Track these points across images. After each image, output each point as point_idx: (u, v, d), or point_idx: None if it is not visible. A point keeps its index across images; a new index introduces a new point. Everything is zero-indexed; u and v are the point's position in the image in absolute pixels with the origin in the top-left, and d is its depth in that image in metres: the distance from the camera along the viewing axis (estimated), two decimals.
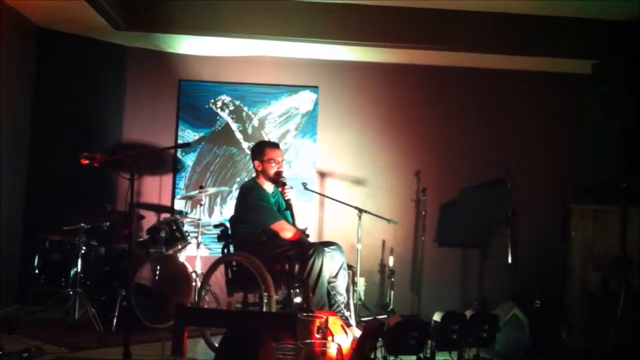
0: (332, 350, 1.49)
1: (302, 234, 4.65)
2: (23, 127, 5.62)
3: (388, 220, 5.73)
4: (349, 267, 4.64)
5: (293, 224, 4.62)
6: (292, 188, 4.69)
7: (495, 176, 6.12)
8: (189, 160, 6.31)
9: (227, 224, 4.76)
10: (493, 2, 5.54)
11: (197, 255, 5.39)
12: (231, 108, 6.34)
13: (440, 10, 5.72)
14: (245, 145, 6.30)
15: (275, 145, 4.79)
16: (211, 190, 5.79)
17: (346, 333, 3.68)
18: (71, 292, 4.88)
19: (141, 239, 5.49)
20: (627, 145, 5.12)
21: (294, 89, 6.41)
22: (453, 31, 5.78)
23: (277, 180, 4.64)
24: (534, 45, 5.83)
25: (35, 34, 5.70)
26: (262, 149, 4.70)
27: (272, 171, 4.63)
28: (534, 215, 6.21)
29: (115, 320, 4.75)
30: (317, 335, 1.61)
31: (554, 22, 5.76)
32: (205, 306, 4.92)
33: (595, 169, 5.54)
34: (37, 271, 5.03)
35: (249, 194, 4.58)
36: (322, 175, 6.39)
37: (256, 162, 4.68)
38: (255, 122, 6.38)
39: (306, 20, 5.67)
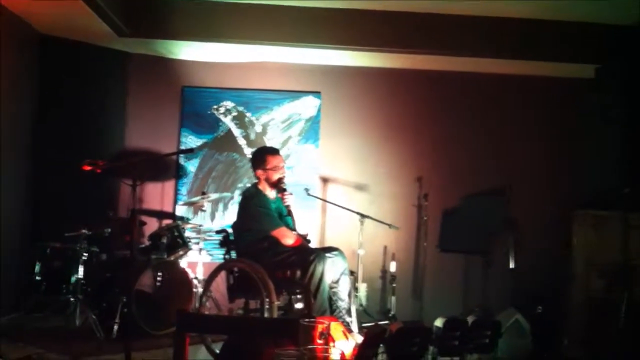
0: (334, 356, 1.48)
1: (303, 239, 4.64)
2: (25, 133, 5.63)
3: (389, 226, 5.72)
4: (351, 272, 4.64)
5: (293, 230, 4.62)
6: (291, 194, 4.68)
7: (497, 182, 6.12)
8: (191, 166, 6.31)
9: (229, 230, 4.76)
10: (495, 7, 5.55)
11: (199, 261, 5.38)
12: (234, 114, 6.35)
13: (442, 15, 5.73)
14: (248, 151, 6.29)
15: (275, 152, 4.75)
16: (213, 196, 5.78)
17: (348, 339, 3.66)
18: (72, 299, 4.88)
19: (143, 245, 5.48)
20: (628, 152, 5.09)
21: (296, 94, 6.41)
22: (455, 36, 5.78)
23: (278, 185, 4.64)
24: (536, 49, 5.83)
25: (37, 40, 5.71)
26: (264, 158, 4.65)
27: (275, 178, 4.63)
28: (536, 221, 6.19)
29: (116, 327, 4.73)
30: (319, 341, 1.60)
31: (555, 27, 5.77)
32: (207, 312, 4.91)
33: (598, 175, 5.51)
34: (38, 278, 4.97)
35: (251, 201, 4.57)
36: (325, 180, 6.38)
37: (259, 172, 4.64)
38: (258, 128, 6.38)
39: (309, 26, 5.68)
